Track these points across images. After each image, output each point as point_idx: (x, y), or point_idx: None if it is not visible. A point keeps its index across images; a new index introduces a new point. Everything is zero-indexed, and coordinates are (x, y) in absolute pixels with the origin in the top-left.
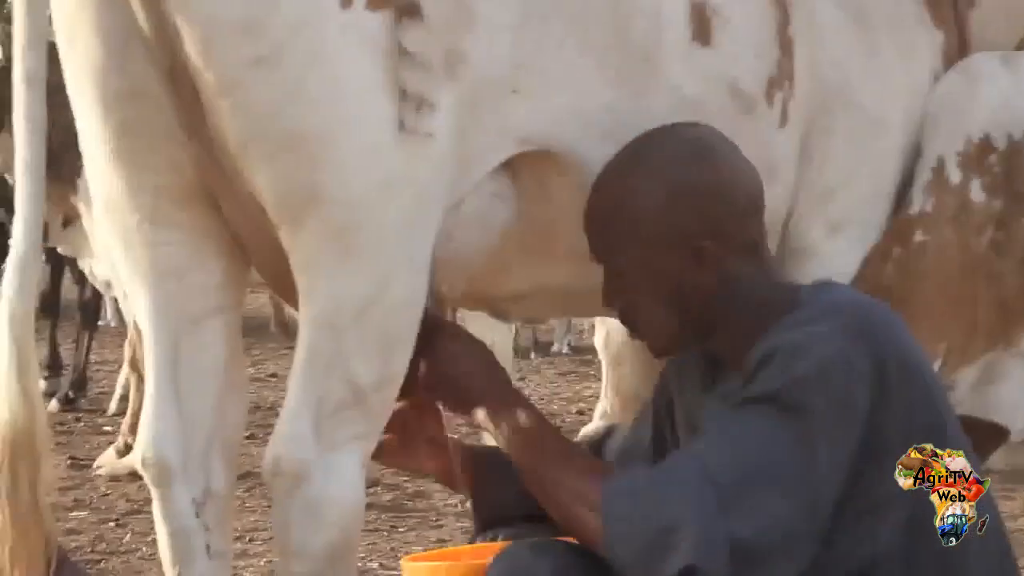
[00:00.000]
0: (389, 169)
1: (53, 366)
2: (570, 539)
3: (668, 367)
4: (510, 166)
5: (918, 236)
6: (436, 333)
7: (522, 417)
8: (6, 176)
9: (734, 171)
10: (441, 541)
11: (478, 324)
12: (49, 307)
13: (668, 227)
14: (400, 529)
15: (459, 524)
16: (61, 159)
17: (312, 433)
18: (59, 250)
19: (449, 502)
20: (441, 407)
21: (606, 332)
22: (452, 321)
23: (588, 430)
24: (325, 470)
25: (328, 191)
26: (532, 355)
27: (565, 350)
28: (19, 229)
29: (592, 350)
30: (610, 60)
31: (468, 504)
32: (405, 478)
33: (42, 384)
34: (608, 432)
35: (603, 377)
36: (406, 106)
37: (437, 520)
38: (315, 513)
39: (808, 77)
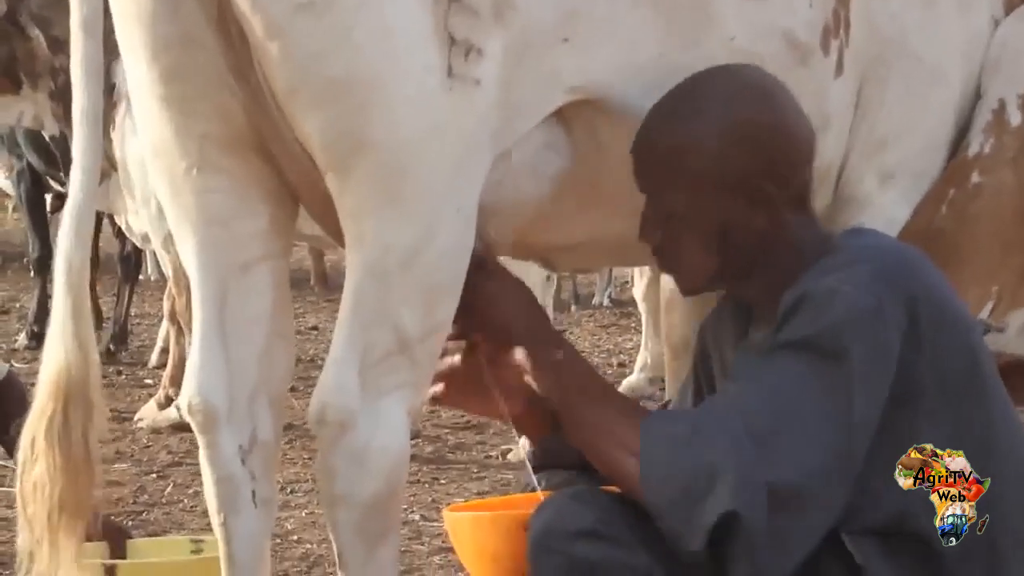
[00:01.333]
0: (437, 115)
1: (94, 320)
2: (614, 488)
3: (704, 324)
4: (562, 115)
5: (975, 177)
6: (478, 271)
7: (560, 357)
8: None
9: (794, 116)
10: (482, 493)
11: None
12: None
13: (727, 164)
14: (441, 481)
15: (500, 476)
16: None
17: (357, 381)
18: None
19: (491, 454)
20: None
21: (647, 283)
22: (495, 260)
23: (630, 381)
24: (371, 419)
25: (375, 137)
26: (572, 308)
27: (606, 302)
28: (77, 179)
29: (632, 303)
30: (663, 9)
31: (510, 455)
32: (447, 429)
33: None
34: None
35: (643, 329)
36: (455, 52)
37: (479, 472)
38: (360, 462)
39: (864, 27)
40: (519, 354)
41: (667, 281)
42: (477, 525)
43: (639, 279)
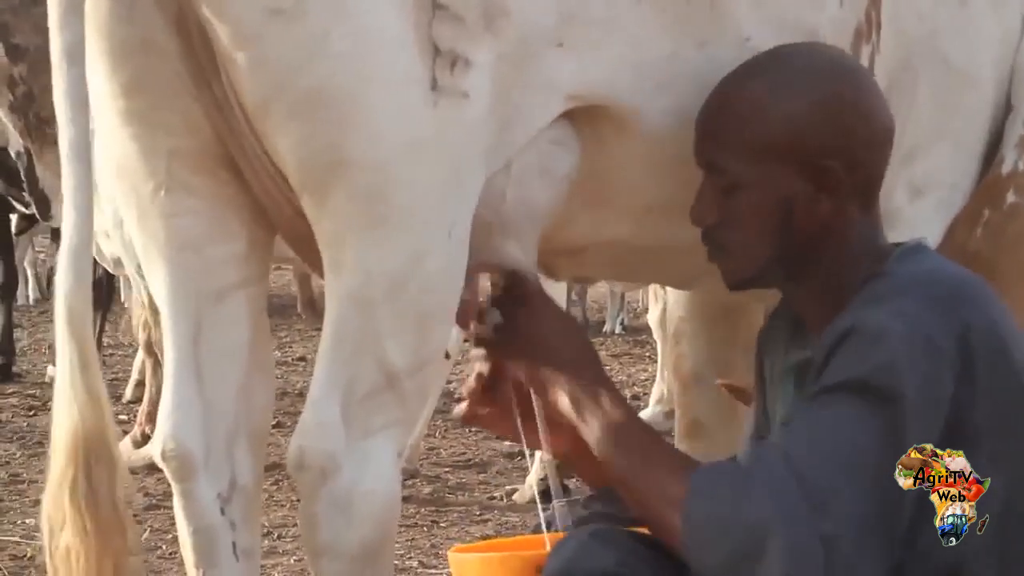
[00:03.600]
0: (420, 130)
1: None
2: (637, 528)
3: (760, 337)
4: (570, 115)
5: (1010, 197)
6: (524, 302)
7: (607, 403)
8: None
9: (874, 100)
10: (485, 537)
11: None
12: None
13: (800, 138)
14: (441, 524)
15: (504, 519)
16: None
17: (340, 421)
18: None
19: (494, 495)
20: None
21: (662, 308)
22: (542, 290)
23: (645, 415)
24: (356, 461)
25: (354, 154)
26: None
27: (618, 330)
28: (70, 219)
29: (647, 330)
30: (670, 7)
31: (515, 496)
32: (447, 468)
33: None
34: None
35: (659, 358)
36: (439, 63)
37: (481, 515)
38: (346, 508)
39: (892, 31)
40: (561, 398)
41: (674, 308)
42: (486, 567)
43: (654, 304)
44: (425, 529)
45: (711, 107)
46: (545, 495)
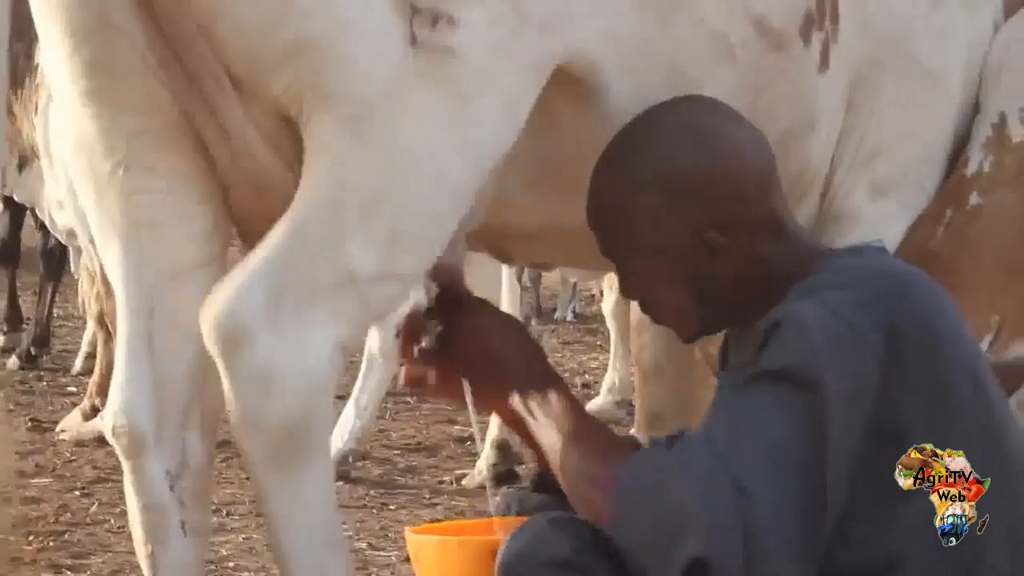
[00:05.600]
0: (401, 77)
1: (12, 320)
2: None
3: (728, 333)
4: None
5: (973, 198)
6: (461, 307)
7: (553, 397)
8: None
9: (736, 151)
10: (434, 520)
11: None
12: (8, 256)
13: (669, 225)
14: (390, 507)
15: (453, 503)
16: (12, 93)
17: (267, 300)
18: (15, 197)
19: (444, 479)
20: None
21: (616, 299)
22: (477, 297)
23: (596, 404)
24: (282, 339)
25: (337, 92)
26: (534, 322)
27: (569, 317)
28: None
29: (598, 318)
30: None
31: (465, 481)
32: (397, 451)
33: (1, 340)
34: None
35: (612, 347)
36: (418, 21)
37: (431, 498)
38: (265, 381)
39: (858, 23)
40: (511, 396)
41: None
42: (442, 549)
43: (608, 292)
44: (374, 511)
45: (588, 209)
46: (497, 480)
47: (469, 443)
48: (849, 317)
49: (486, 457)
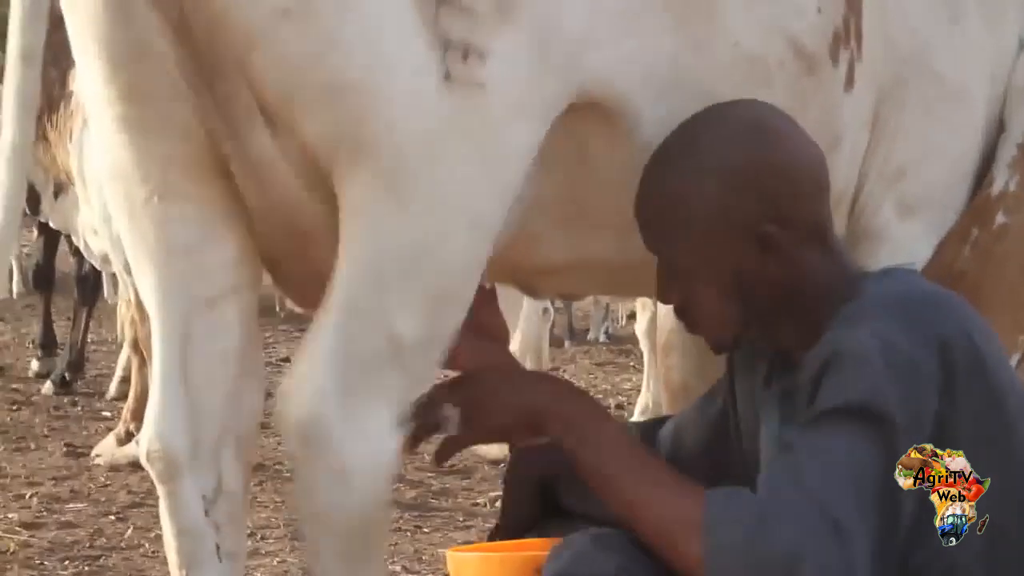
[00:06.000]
0: (437, 119)
1: (47, 345)
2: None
3: (731, 356)
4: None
5: (1000, 218)
6: (474, 381)
7: (609, 434)
8: None
9: (795, 151)
10: (468, 543)
11: (511, 313)
12: (43, 281)
13: (727, 215)
14: (425, 530)
15: (488, 525)
16: (47, 120)
17: (338, 389)
18: (51, 223)
19: (478, 501)
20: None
21: (649, 319)
22: (486, 367)
23: None
24: (353, 428)
25: (374, 140)
26: (567, 344)
27: (602, 339)
28: None
29: (632, 339)
30: (673, 6)
31: (499, 503)
32: (430, 473)
33: (35, 365)
34: (661, 422)
35: (645, 368)
36: (451, 55)
37: (464, 521)
38: (342, 476)
39: (880, 41)
40: (563, 439)
41: (664, 320)
42: (484, 566)
43: (641, 313)
44: (408, 534)
45: (640, 200)
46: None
47: (503, 465)
48: (905, 345)
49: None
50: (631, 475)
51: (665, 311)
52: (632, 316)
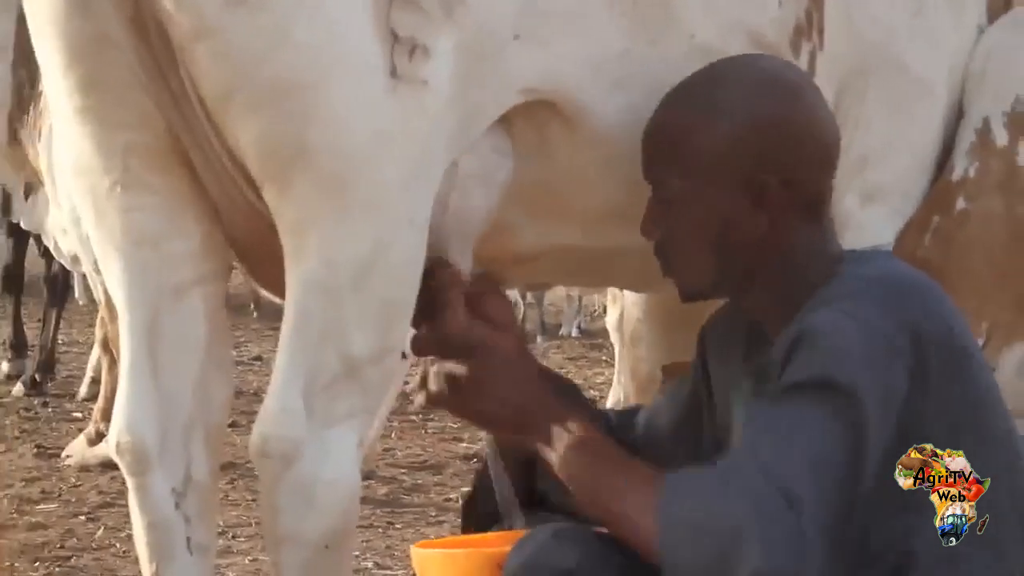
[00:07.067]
0: (382, 119)
1: (17, 346)
2: (597, 528)
3: (707, 330)
4: (506, 118)
5: (960, 203)
6: (471, 350)
7: (574, 430)
8: None
9: (814, 118)
10: (440, 538)
11: None
12: (12, 283)
13: (731, 157)
14: (397, 526)
15: (460, 521)
16: (16, 120)
17: (303, 409)
18: (21, 224)
19: (450, 496)
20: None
21: (620, 311)
22: (484, 330)
23: None
24: (318, 449)
25: (317, 142)
26: (539, 339)
27: (575, 333)
28: None
29: (603, 333)
30: (622, 2)
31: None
32: (403, 469)
33: (5, 366)
34: (637, 410)
35: (617, 362)
36: (398, 50)
37: (437, 516)
38: (308, 498)
39: (842, 32)
40: (531, 439)
41: (632, 311)
42: (449, 562)
43: (612, 308)
44: (380, 530)
45: (653, 123)
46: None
47: (475, 460)
48: (879, 326)
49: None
50: (592, 462)
51: (633, 302)
52: (604, 310)
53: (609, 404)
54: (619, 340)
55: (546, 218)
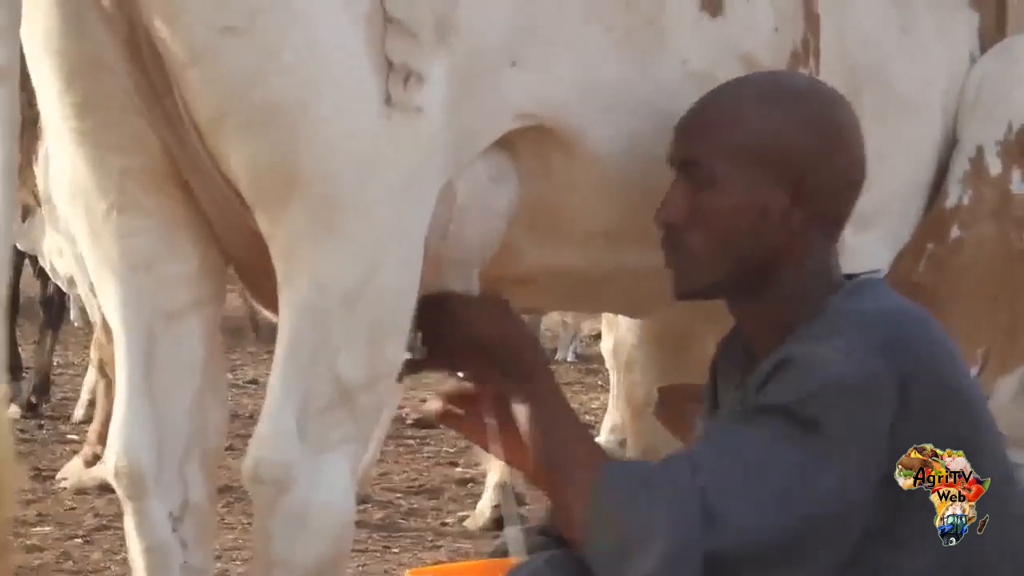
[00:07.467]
0: (374, 145)
1: (13, 369)
2: None
3: (718, 353)
4: (506, 141)
5: (954, 231)
6: (443, 309)
7: (539, 389)
8: None
9: (859, 135)
10: (438, 563)
11: None
12: (7, 305)
13: (787, 150)
14: (393, 550)
15: (457, 545)
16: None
17: (296, 433)
18: (18, 245)
19: (447, 521)
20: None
21: (616, 338)
22: (455, 294)
23: None
24: (311, 474)
25: (308, 167)
26: None
27: (570, 358)
28: None
29: (599, 358)
30: (615, 27)
31: (467, 522)
32: (399, 493)
33: None
34: None
35: (611, 388)
36: (393, 78)
37: (434, 540)
38: (301, 523)
39: (836, 56)
40: (509, 387)
41: (627, 336)
42: None
43: (607, 333)
44: (377, 554)
45: (701, 106)
46: (502, 520)
47: (471, 484)
48: (867, 366)
49: (489, 498)
50: (552, 436)
51: (628, 327)
52: (598, 336)
53: (605, 430)
54: (614, 365)
55: (544, 240)
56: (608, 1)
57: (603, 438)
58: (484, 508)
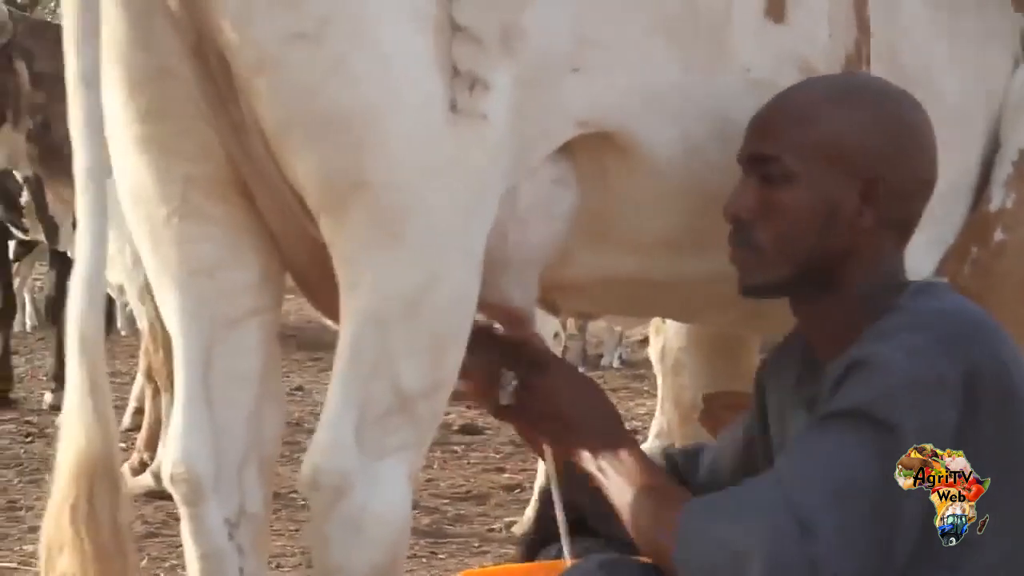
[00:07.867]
0: (440, 152)
1: (60, 377)
2: (643, 559)
3: (765, 364)
4: (568, 149)
5: (998, 235)
6: (541, 366)
7: (624, 456)
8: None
9: (932, 137)
10: (484, 568)
11: None
12: (56, 314)
13: (862, 149)
14: (440, 556)
15: (503, 551)
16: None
17: (354, 441)
18: (69, 254)
19: (493, 527)
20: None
21: (663, 342)
22: (554, 354)
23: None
24: (369, 482)
25: (374, 175)
26: (580, 369)
27: (616, 364)
28: (85, 245)
29: (645, 364)
30: (679, 36)
31: (514, 528)
32: (446, 500)
33: (49, 397)
34: (702, 448)
35: (659, 392)
36: (458, 85)
37: (480, 546)
38: (357, 530)
39: (884, 61)
40: (582, 454)
41: (674, 340)
42: None
43: (654, 338)
44: (424, 560)
45: (777, 103)
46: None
47: (518, 491)
48: (930, 363)
49: (536, 504)
50: (635, 490)
51: (675, 331)
52: (645, 341)
53: (651, 435)
54: (661, 369)
55: (601, 247)
56: (672, 9)
57: (649, 443)
58: (531, 514)
